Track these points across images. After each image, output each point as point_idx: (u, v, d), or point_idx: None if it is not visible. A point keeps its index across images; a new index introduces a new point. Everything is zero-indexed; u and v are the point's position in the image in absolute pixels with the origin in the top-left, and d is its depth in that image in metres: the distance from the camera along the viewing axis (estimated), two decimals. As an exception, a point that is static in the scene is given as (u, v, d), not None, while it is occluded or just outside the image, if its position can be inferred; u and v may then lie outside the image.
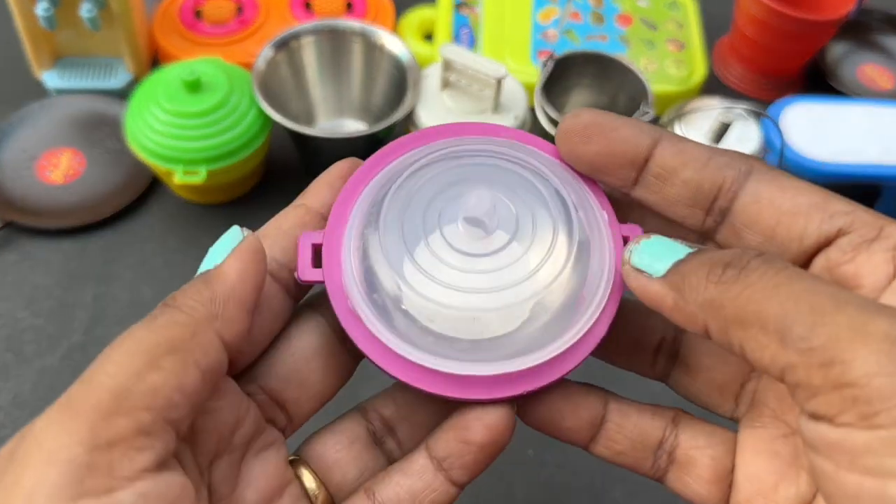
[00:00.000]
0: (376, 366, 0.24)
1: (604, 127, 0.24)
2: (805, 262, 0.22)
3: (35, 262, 0.57)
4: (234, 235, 0.24)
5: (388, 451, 0.27)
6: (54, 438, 0.19)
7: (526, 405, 0.26)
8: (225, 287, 0.23)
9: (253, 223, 0.25)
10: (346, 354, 0.27)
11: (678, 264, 0.22)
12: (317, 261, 0.25)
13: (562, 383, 0.25)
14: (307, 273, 0.25)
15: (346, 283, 0.24)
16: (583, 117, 0.24)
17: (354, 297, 0.24)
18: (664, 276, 0.22)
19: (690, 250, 0.22)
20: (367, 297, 0.24)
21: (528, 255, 0.24)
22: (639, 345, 0.27)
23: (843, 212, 0.22)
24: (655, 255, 0.22)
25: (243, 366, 0.26)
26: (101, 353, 0.21)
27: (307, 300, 0.27)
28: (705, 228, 0.24)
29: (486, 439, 0.24)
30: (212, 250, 0.24)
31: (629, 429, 0.26)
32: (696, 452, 0.25)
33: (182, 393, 0.20)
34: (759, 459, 0.24)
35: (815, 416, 0.18)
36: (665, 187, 0.24)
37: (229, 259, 0.23)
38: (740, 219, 0.23)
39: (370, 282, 0.24)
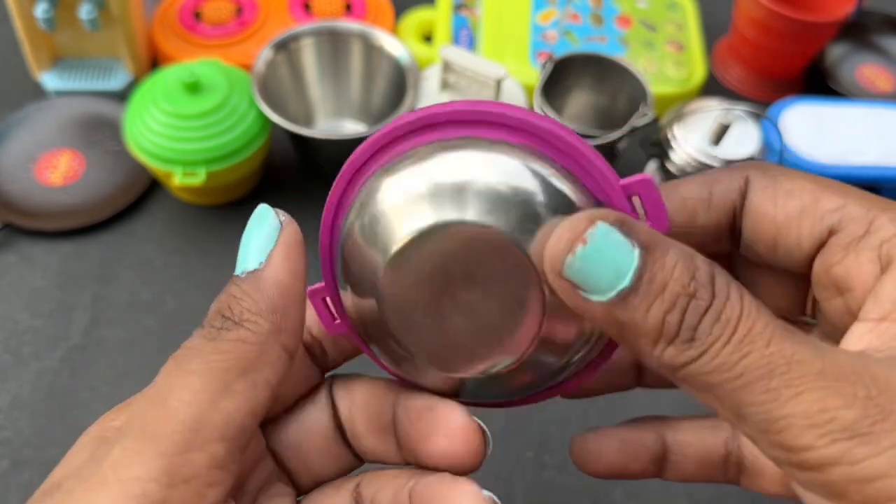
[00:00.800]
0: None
1: None
2: (809, 265, 0.22)
3: (34, 263, 0.57)
4: (270, 221, 0.22)
5: None
6: (130, 469, 0.18)
7: (586, 458, 0.26)
8: (282, 293, 0.21)
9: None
10: (346, 450, 0.26)
11: (624, 296, 0.18)
12: (335, 311, 0.25)
13: (613, 428, 0.26)
14: (334, 328, 0.25)
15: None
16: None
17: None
18: (607, 304, 0.18)
19: (635, 265, 0.18)
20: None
21: None
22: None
23: (833, 209, 0.21)
24: (596, 267, 0.18)
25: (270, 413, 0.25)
26: (170, 370, 0.20)
27: (338, 372, 0.27)
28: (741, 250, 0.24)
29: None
30: (247, 240, 0.22)
31: (692, 454, 0.26)
32: (760, 461, 0.26)
33: (254, 416, 0.20)
34: None
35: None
36: (691, 237, 0.23)
37: (276, 257, 0.21)
38: (747, 236, 0.23)
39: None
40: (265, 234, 0.22)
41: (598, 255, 0.18)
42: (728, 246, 0.24)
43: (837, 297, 0.22)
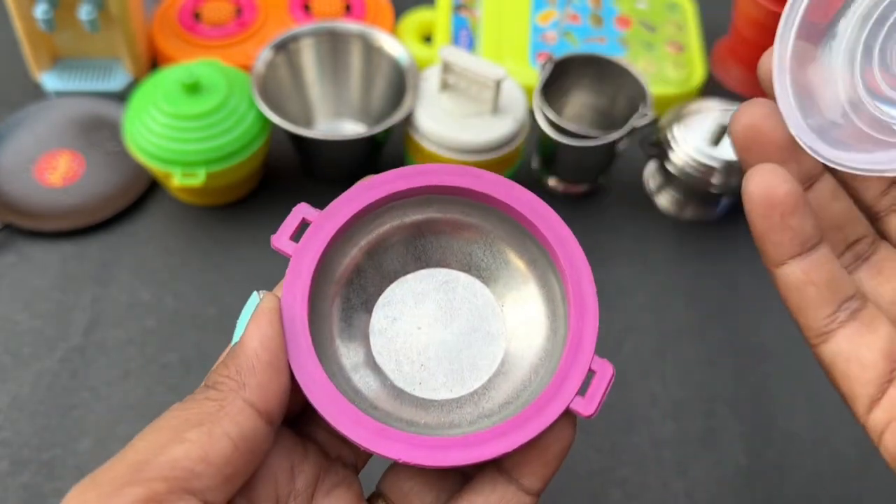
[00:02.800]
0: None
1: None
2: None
3: (33, 264, 0.57)
4: (253, 302, 0.25)
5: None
6: None
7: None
8: (248, 356, 0.24)
9: (252, 225, 0.25)
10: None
11: None
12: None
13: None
14: (280, 243, 0.28)
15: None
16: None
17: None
18: None
19: None
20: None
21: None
22: None
23: None
24: None
25: (298, 410, 0.27)
26: (142, 431, 0.22)
27: None
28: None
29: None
30: (237, 323, 0.25)
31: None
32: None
33: (207, 462, 0.22)
34: None
35: None
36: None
37: (249, 327, 0.24)
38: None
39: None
40: (249, 313, 0.25)
41: None
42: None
43: None
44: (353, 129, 0.63)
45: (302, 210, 0.27)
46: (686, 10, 0.73)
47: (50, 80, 0.65)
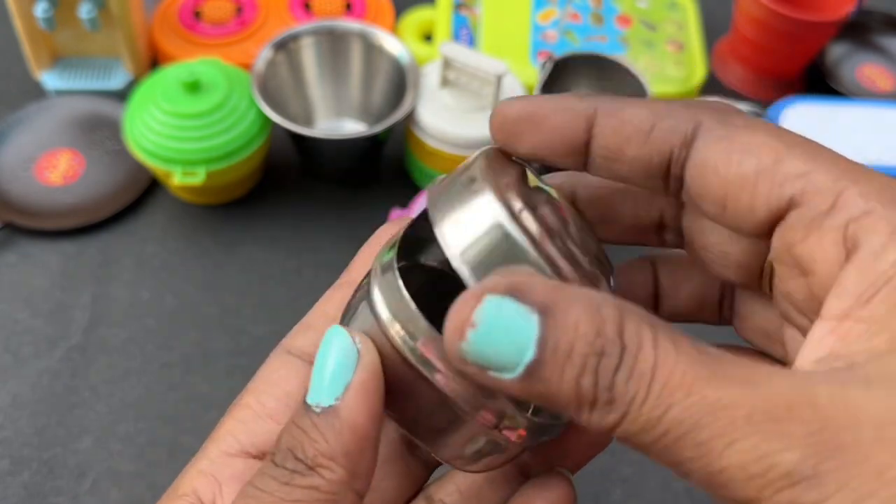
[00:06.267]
0: None
1: (534, 118, 0.21)
2: (765, 235, 0.19)
3: (34, 263, 0.57)
4: (346, 347, 0.20)
5: None
6: None
7: None
8: (358, 437, 0.20)
9: (252, 224, 0.24)
10: (417, 461, 0.26)
11: (532, 369, 0.16)
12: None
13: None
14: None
15: None
16: (512, 110, 0.21)
17: None
18: (518, 380, 0.17)
19: (535, 334, 0.16)
20: None
21: None
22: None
23: (795, 175, 0.18)
24: (493, 347, 0.17)
25: None
26: None
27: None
28: (671, 195, 0.21)
29: None
30: (320, 366, 0.20)
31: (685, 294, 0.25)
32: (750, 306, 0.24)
33: None
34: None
35: None
36: (615, 166, 0.21)
37: (353, 395, 0.20)
38: (693, 191, 0.20)
39: None
40: (341, 362, 0.20)
41: (493, 334, 0.16)
42: (663, 188, 0.21)
43: (801, 278, 0.19)
44: (353, 127, 0.63)
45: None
46: (687, 8, 0.72)
47: (50, 79, 0.65)
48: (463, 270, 0.19)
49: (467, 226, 0.19)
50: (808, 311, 0.19)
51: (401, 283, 0.20)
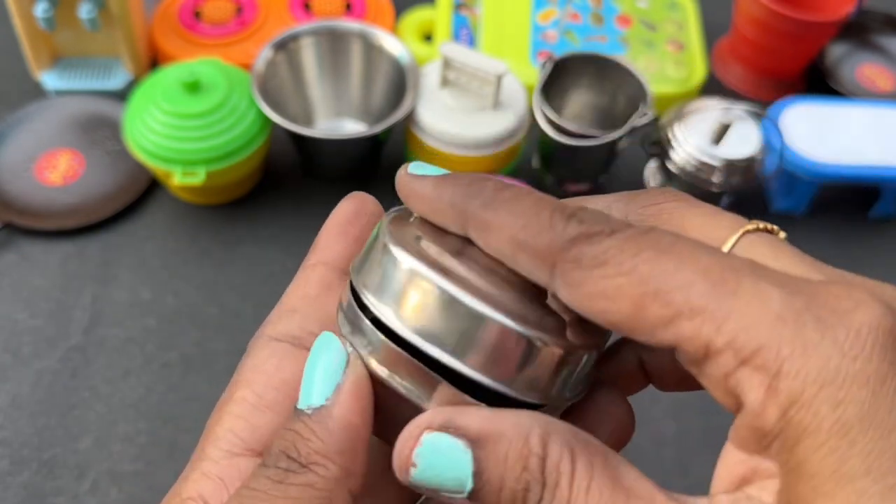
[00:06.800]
0: None
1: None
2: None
3: (33, 263, 0.57)
4: (335, 351, 0.21)
5: None
6: None
7: None
8: (351, 435, 0.20)
9: (252, 224, 0.25)
10: None
11: (474, 497, 0.18)
12: None
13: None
14: None
15: None
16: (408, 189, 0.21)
17: None
18: (469, 498, 0.18)
19: (470, 468, 0.18)
20: None
21: None
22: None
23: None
24: (437, 478, 0.18)
25: None
26: None
27: None
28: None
29: None
30: (311, 369, 0.21)
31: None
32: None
33: None
34: None
35: None
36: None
37: (345, 395, 0.20)
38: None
39: None
40: (331, 365, 0.20)
41: (434, 470, 0.18)
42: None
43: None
44: (353, 127, 0.63)
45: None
46: (687, 8, 0.72)
47: (50, 79, 0.65)
48: (407, 334, 0.19)
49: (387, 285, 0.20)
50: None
51: (366, 321, 0.21)
